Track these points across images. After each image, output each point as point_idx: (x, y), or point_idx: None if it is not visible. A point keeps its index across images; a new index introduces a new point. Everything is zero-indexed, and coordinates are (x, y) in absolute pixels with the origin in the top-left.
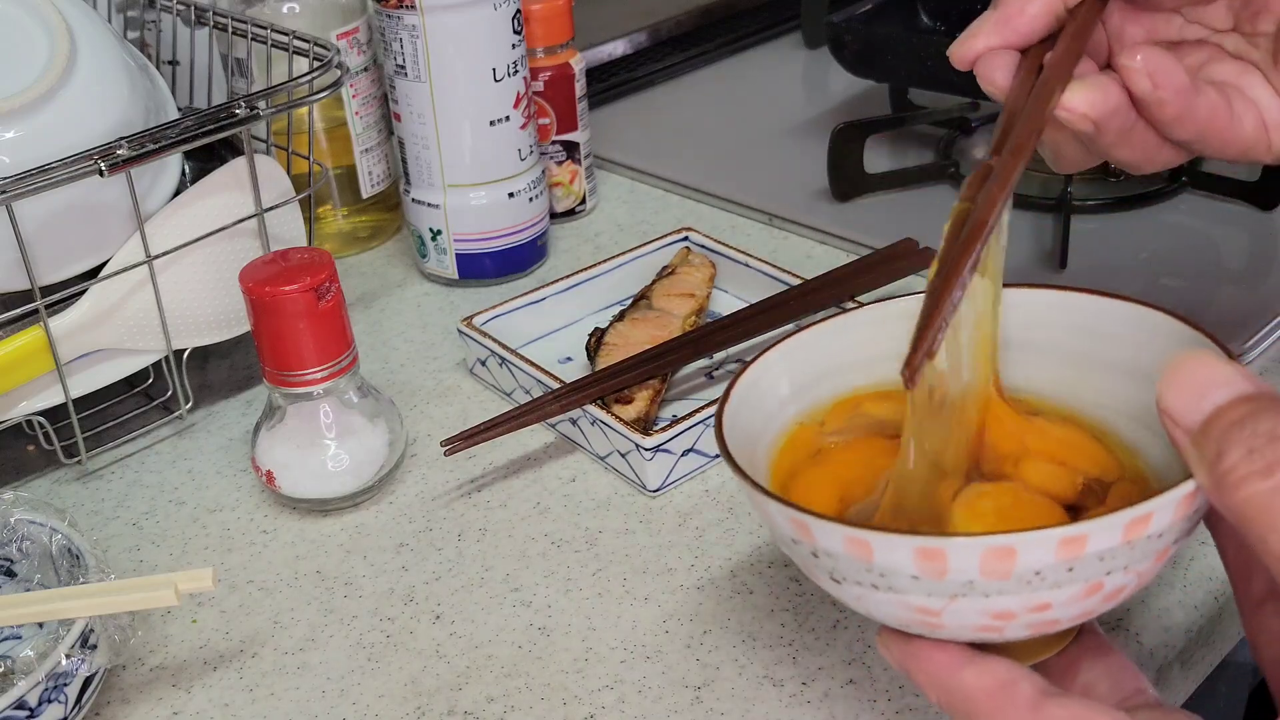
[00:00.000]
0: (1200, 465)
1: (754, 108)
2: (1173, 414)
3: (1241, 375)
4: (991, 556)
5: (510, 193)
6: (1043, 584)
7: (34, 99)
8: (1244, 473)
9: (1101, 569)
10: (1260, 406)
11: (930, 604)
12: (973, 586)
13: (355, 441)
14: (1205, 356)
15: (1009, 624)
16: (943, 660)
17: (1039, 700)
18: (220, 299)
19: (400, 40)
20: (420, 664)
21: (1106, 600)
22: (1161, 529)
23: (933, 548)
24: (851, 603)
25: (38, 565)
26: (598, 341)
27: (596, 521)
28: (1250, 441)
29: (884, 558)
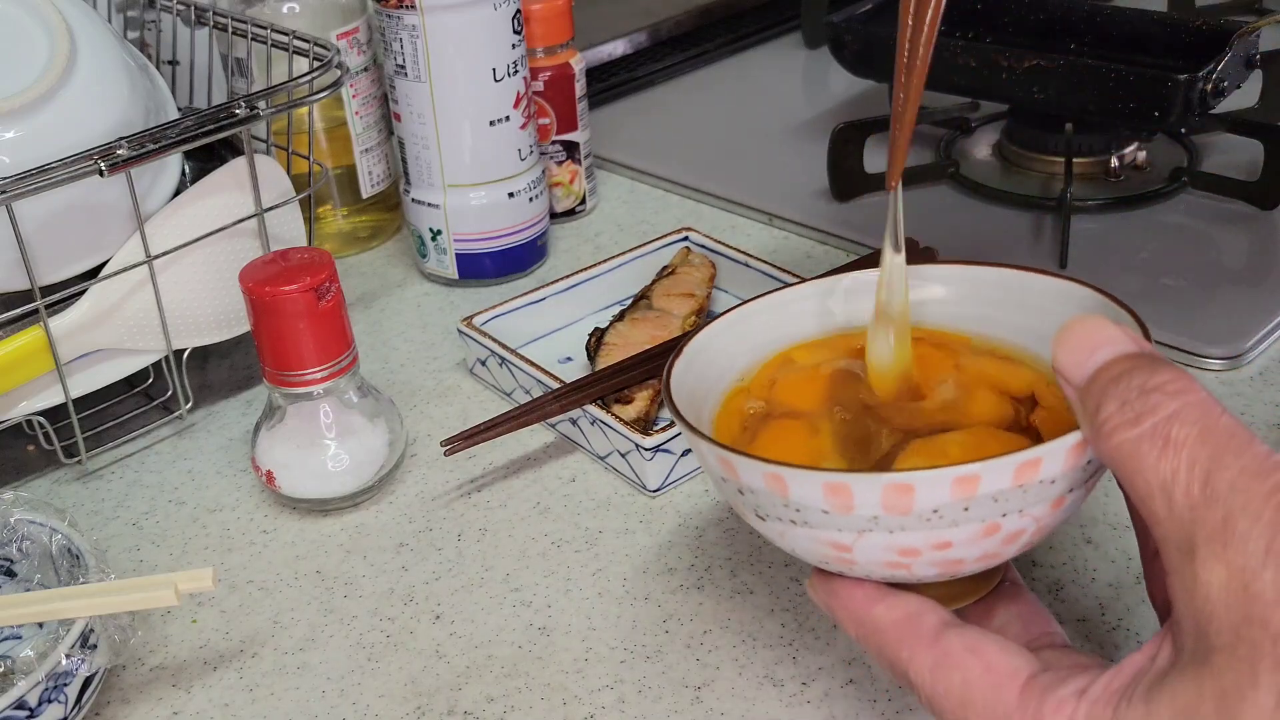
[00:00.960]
0: (1083, 417)
1: (754, 108)
2: (1063, 370)
3: (1126, 336)
4: (892, 492)
5: (510, 193)
6: (941, 522)
7: (34, 99)
8: (1116, 422)
9: (996, 510)
10: (1137, 364)
11: (841, 539)
12: (877, 522)
13: (355, 441)
14: (1095, 319)
15: (915, 560)
16: (859, 596)
17: (941, 630)
18: (220, 299)
19: (400, 40)
20: (420, 664)
21: (1007, 543)
22: (1053, 475)
23: (839, 483)
24: (776, 539)
25: (38, 565)
26: (598, 341)
27: (596, 521)
28: (1124, 395)
29: (797, 492)
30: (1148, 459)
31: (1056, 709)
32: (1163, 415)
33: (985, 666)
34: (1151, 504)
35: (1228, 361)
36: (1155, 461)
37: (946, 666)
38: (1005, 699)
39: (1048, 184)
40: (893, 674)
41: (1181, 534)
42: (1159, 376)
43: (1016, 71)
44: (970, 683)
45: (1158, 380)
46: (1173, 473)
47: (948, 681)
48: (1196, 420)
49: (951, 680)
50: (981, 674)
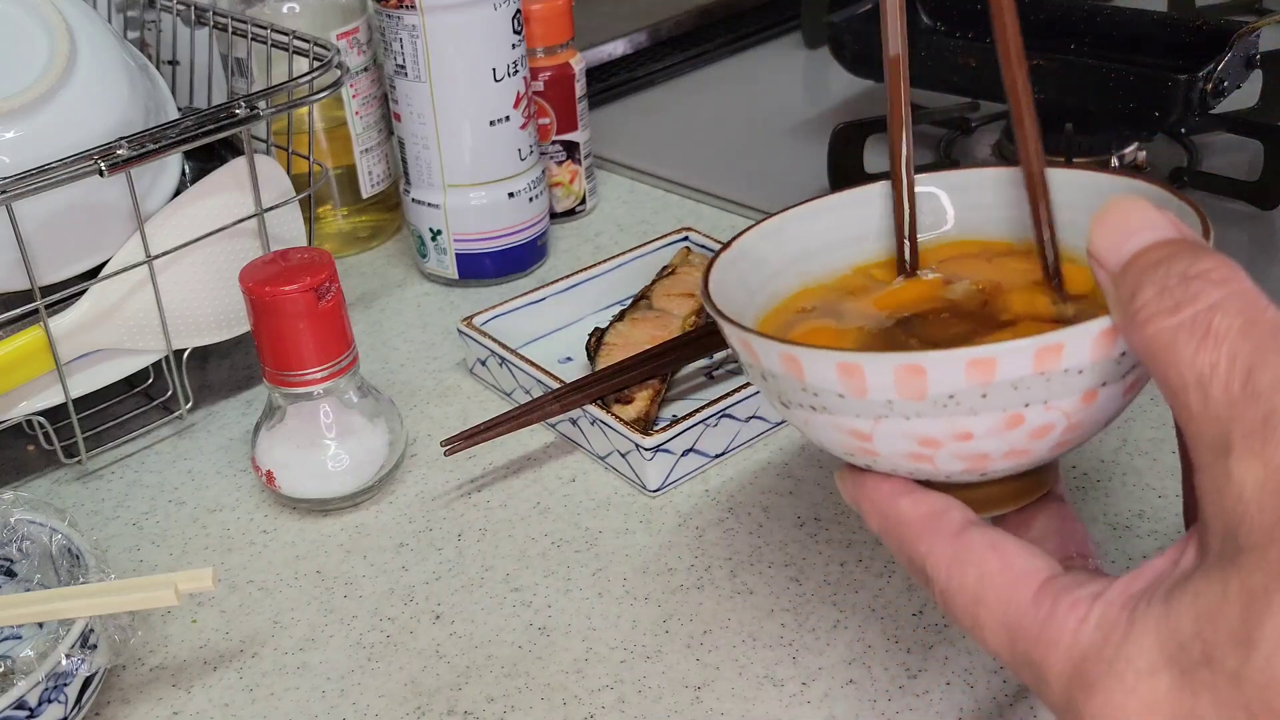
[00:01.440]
0: (1116, 304)
1: (754, 108)
2: (1098, 254)
3: (1168, 221)
4: (904, 373)
5: (510, 193)
6: (959, 409)
7: (34, 99)
8: (1153, 310)
9: (1018, 399)
10: (1179, 250)
11: (860, 426)
12: (892, 407)
13: (355, 441)
14: (1136, 201)
15: (938, 452)
16: (885, 489)
17: (964, 528)
18: (220, 299)
19: (400, 40)
20: (420, 664)
21: (1034, 437)
22: (1079, 364)
23: (850, 363)
24: (802, 428)
25: (38, 565)
26: (598, 341)
27: (596, 521)
28: (1164, 281)
29: (812, 375)
30: (1185, 350)
31: (1070, 609)
32: (1204, 304)
33: (1003, 564)
34: (1185, 398)
35: None
36: (1193, 353)
37: (964, 561)
38: (1019, 597)
39: None
40: (910, 569)
41: (1216, 431)
42: (1202, 263)
43: None
44: (986, 578)
45: (1200, 267)
46: (1212, 366)
47: (963, 576)
48: (1241, 311)
49: (967, 575)
50: (999, 570)
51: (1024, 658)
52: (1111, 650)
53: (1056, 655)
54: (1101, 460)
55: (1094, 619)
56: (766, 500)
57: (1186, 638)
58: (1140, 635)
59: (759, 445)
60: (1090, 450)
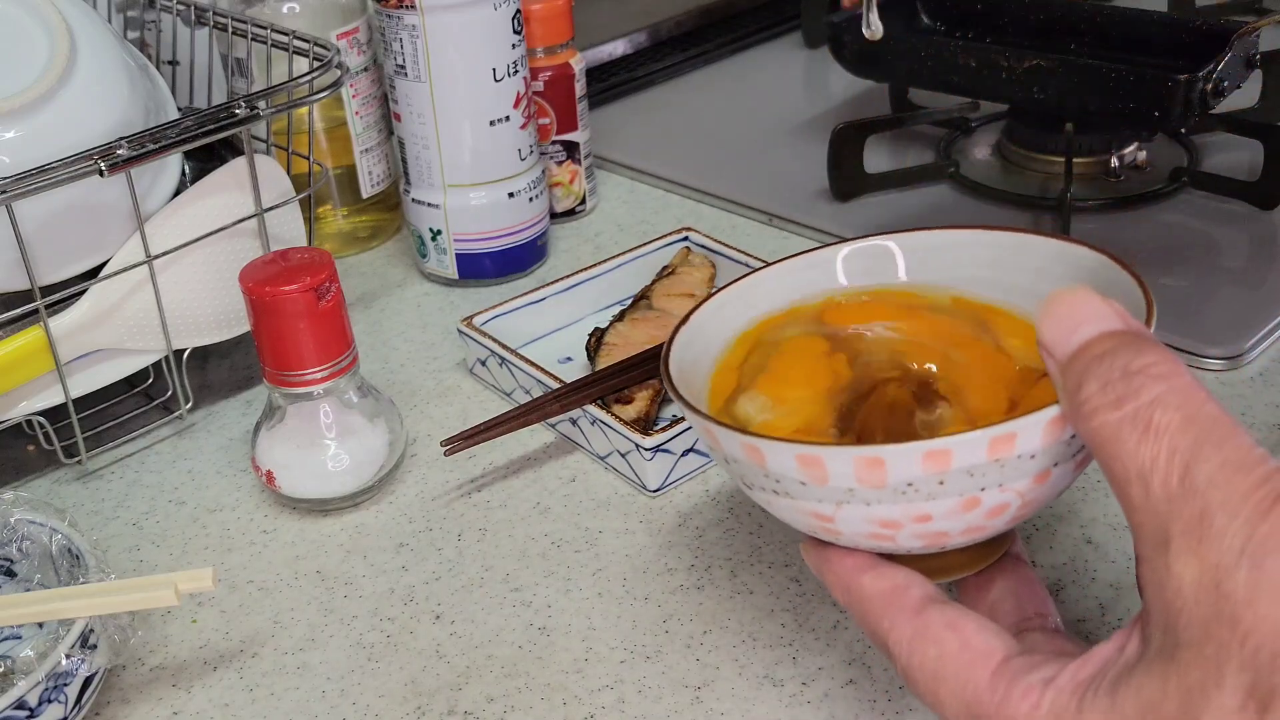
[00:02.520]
0: (1064, 395)
1: (754, 108)
2: (1046, 344)
3: (1113, 312)
4: (863, 465)
5: (510, 193)
6: (918, 495)
7: (34, 99)
8: (1097, 403)
9: (974, 484)
10: (1122, 343)
11: (823, 509)
12: (854, 494)
13: (355, 441)
14: (1081, 291)
15: (898, 532)
16: (849, 564)
17: (924, 604)
18: (220, 299)
19: (400, 40)
20: (420, 664)
21: (991, 516)
22: (1031, 450)
23: (811, 455)
24: (765, 506)
25: (38, 565)
26: (598, 341)
27: (596, 521)
28: (1107, 375)
29: (774, 464)
30: (1127, 444)
31: (1024, 694)
32: (1145, 399)
33: (961, 644)
34: (1128, 490)
35: (1227, 362)
36: (1135, 447)
37: (924, 640)
38: (976, 678)
39: (1048, 184)
40: (874, 640)
41: (1156, 524)
42: (1144, 358)
43: (1016, 71)
44: (945, 658)
45: (1142, 362)
46: (1152, 460)
47: (923, 655)
48: (1180, 406)
49: (927, 654)
50: (957, 651)
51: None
52: None
53: None
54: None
55: (1046, 705)
56: None
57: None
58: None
59: None
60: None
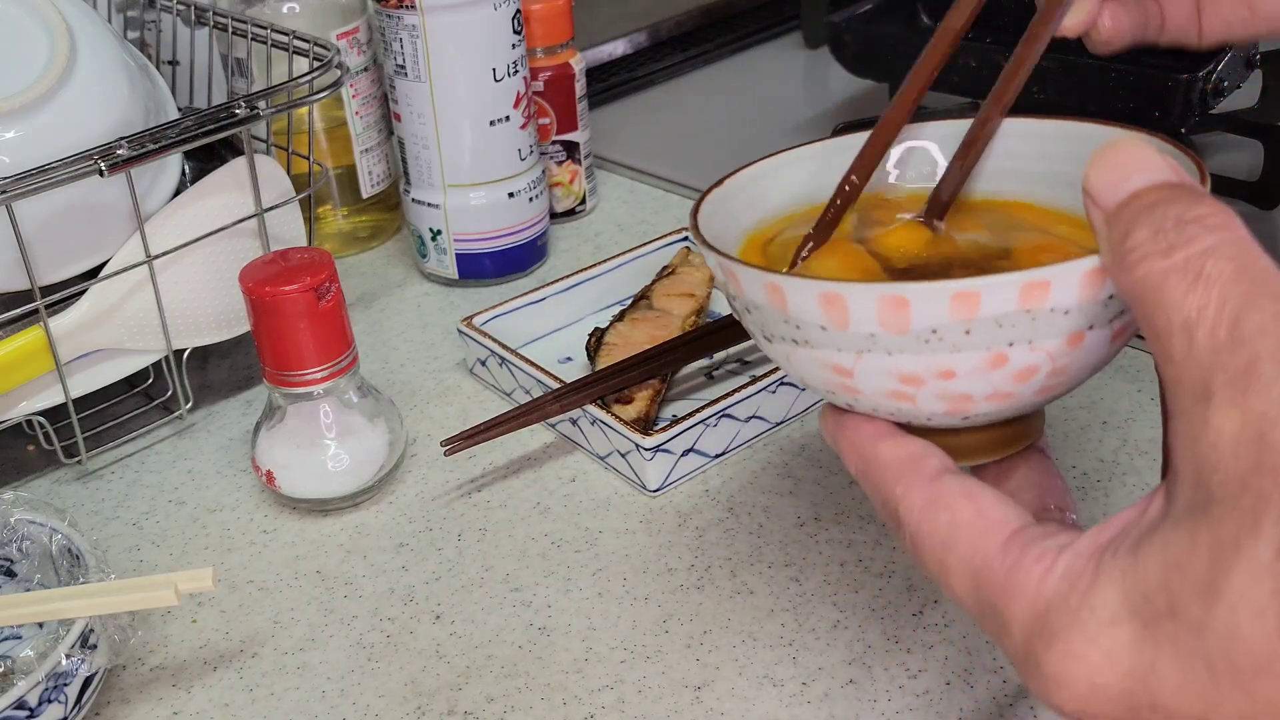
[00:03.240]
0: (1107, 245)
1: (754, 108)
2: (1093, 193)
3: (1168, 165)
4: (887, 304)
5: (510, 193)
6: (941, 345)
7: (34, 99)
8: (1146, 251)
9: (1002, 337)
10: (1176, 194)
11: (842, 360)
12: (875, 340)
13: (355, 441)
14: (1136, 142)
15: (920, 391)
16: (866, 431)
17: (940, 473)
18: (220, 299)
19: (400, 40)
20: (420, 664)
21: (1018, 380)
22: (1065, 304)
23: (833, 293)
24: (783, 363)
25: (38, 565)
26: (598, 341)
27: (596, 521)
28: (1159, 223)
29: (795, 305)
30: (1174, 293)
31: (1038, 559)
32: (1198, 249)
33: (976, 511)
34: (1169, 342)
35: None
36: (1182, 296)
37: (937, 506)
38: (988, 545)
39: None
40: (883, 511)
41: (1198, 376)
42: (1198, 209)
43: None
44: (957, 525)
45: (1197, 212)
46: (1199, 309)
47: (934, 521)
48: (1233, 258)
49: (939, 520)
50: (971, 518)
51: (988, 606)
52: (1076, 600)
53: (1020, 604)
54: (1101, 460)
55: (1060, 569)
56: (766, 500)
57: (1152, 588)
58: (1105, 586)
59: (759, 445)
60: (1090, 450)
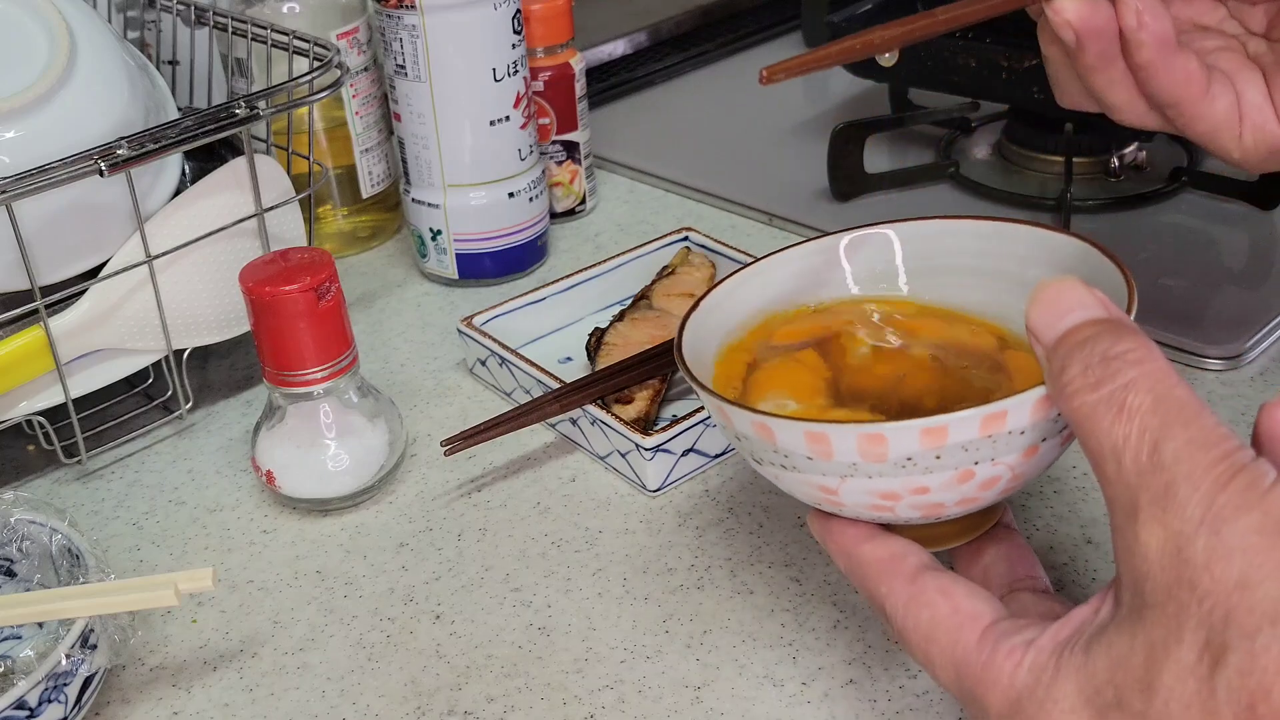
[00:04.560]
0: (1049, 377)
1: (754, 108)
2: (1034, 330)
3: (1097, 301)
4: (866, 441)
5: (510, 193)
6: (916, 469)
7: (34, 99)
8: (1078, 385)
9: (968, 458)
10: (1103, 330)
11: (827, 483)
12: (857, 468)
13: (355, 441)
14: (1069, 282)
15: (897, 504)
16: (851, 534)
17: (919, 571)
18: (220, 299)
19: (400, 40)
20: (420, 664)
21: (984, 488)
22: (1021, 426)
23: (818, 432)
24: (774, 480)
25: (38, 565)
26: (598, 341)
27: (596, 521)
28: (1087, 359)
29: (783, 440)
30: (1103, 422)
31: (1008, 655)
32: (1120, 382)
33: (953, 608)
34: (1104, 465)
35: (1227, 362)
36: (1110, 426)
37: (918, 604)
38: (965, 639)
39: (1048, 184)
40: (871, 605)
41: (1127, 496)
42: (1121, 344)
43: (1016, 71)
44: (937, 621)
45: (1120, 348)
46: (1124, 438)
47: (917, 617)
48: (1151, 389)
49: (920, 617)
50: (948, 614)
51: (969, 694)
52: (1041, 692)
53: (996, 694)
54: None
55: (1027, 664)
56: (766, 500)
57: (1101, 683)
58: (1064, 680)
59: None
60: None
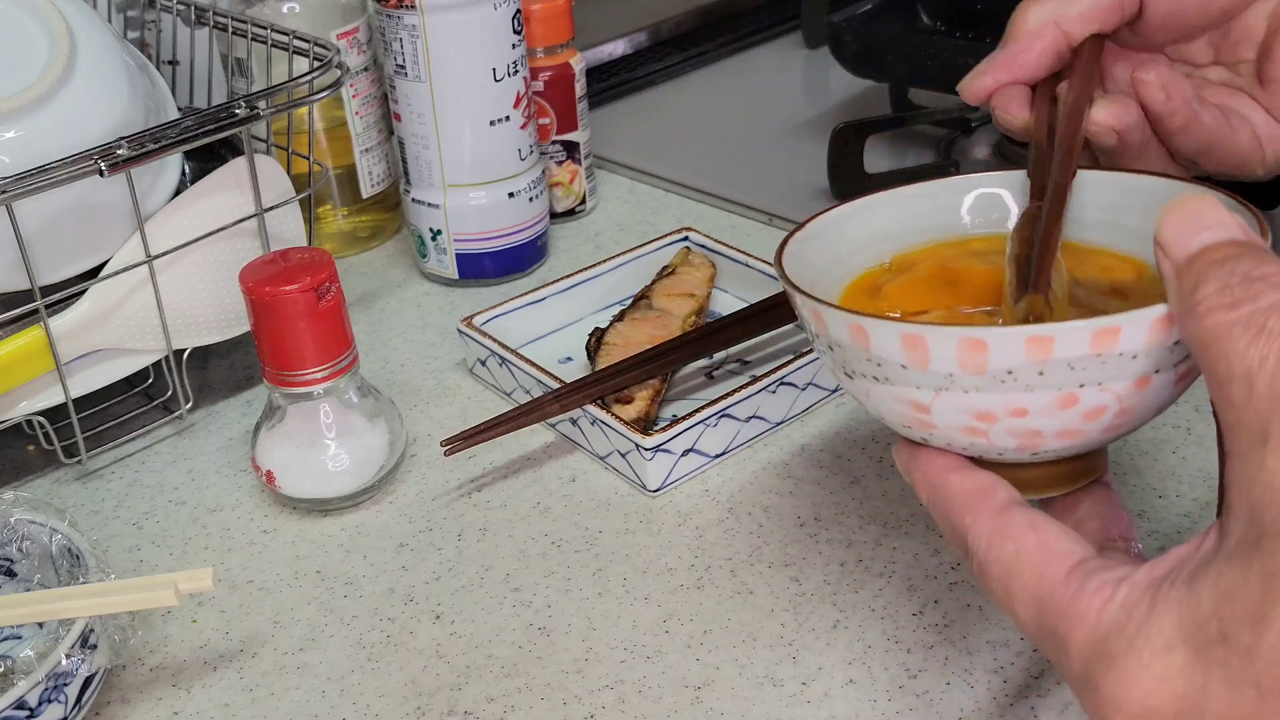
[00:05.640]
0: (1176, 295)
1: (754, 108)
2: (1165, 245)
3: (1236, 223)
4: (966, 346)
5: (510, 193)
6: (1016, 385)
7: (34, 99)
8: (1213, 304)
9: (1073, 379)
10: (1244, 251)
11: (920, 397)
12: (952, 380)
13: (355, 441)
14: (1207, 199)
15: (993, 427)
16: (939, 464)
17: (1008, 505)
18: (220, 299)
19: (400, 40)
20: (420, 664)
21: (1086, 419)
22: (1134, 348)
23: (914, 334)
24: (863, 398)
25: (38, 565)
26: (598, 341)
27: (596, 521)
28: (1226, 278)
29: (877, 344)
30: (1238, 343)
31: (1098, 590)
32: (1263, 304)
33: (1040, 543)
34: (1230, 389)
35: None
36: (1245, 347)
37: (1004, 535)
38: (1051, 575)
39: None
40: (952, 539)
41: (1256, 422)
42: (1265, 267)
43: None
44: (1022, 555)
45: (1264, 270)
46: (1260, 360)
47: (1001, 550)
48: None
49: (1005, 549)
50: (1035, 549)
51: (1049, 630)
52: (1133, 628)
53: (1081, 630)
54: None
55: (1119, 599)
56: (766, 500)
57: (1205, 616)
58: (1161, 615)
59: (759, 445)
60: None
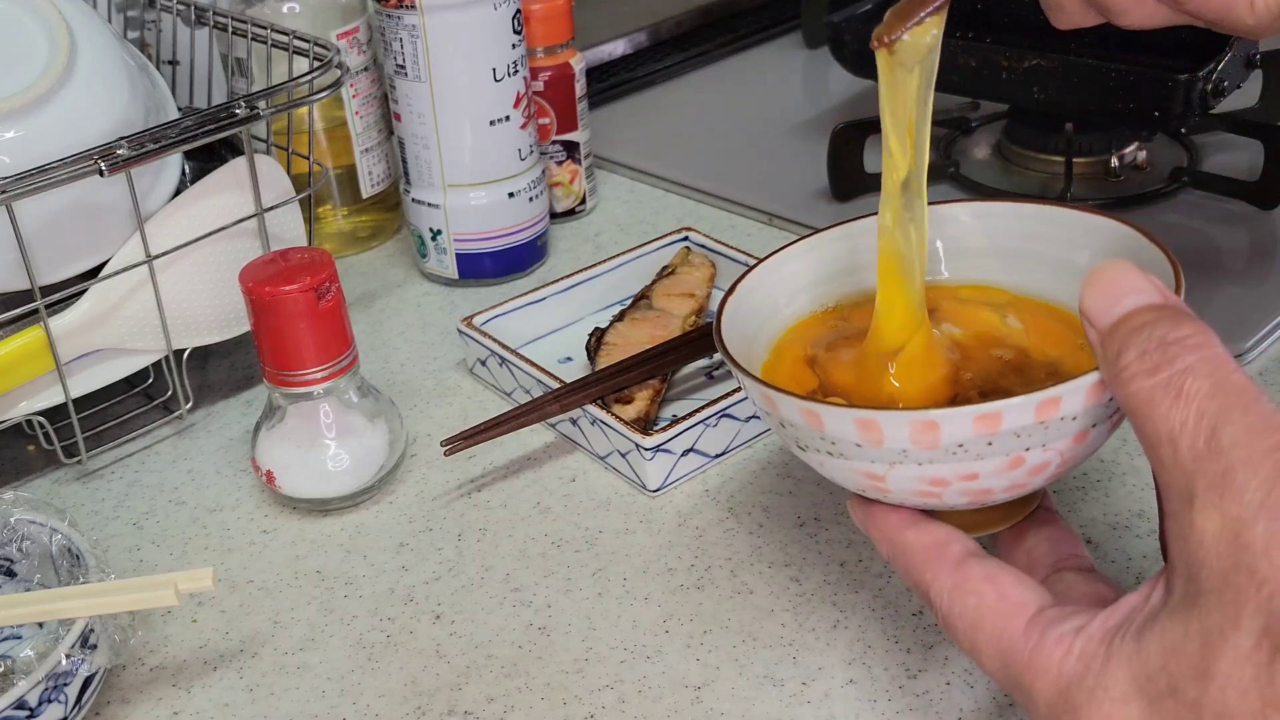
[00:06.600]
0: (1104, 361)
1: (754, 108)
2: (1088, 314)
3: (1153, 286)
4: (919, 428)
5: (510, 193)
6: (967, 455)
7: (34, 99)
8: (1134, 370)
9: (1020, 444)
10: (1161, 316)
11: (875, 469)
12: (907, 455)
13: (355, 441)
14: (1125, 266)
15: (945, 490)
16: (894, 520)
17: (964, 558)
18: (220, 299)
19: (400, 40)
20: (420, 664)
21: (1032, 474)
22: (1074, 413)
23: (868, 419)
24: (817, 468)
25: (38, 565)
26: (598, 341)
27: (596, 521)
28: (1145, 345)
29: (832, 427)
30: (1160, 408)
31: (1056, 642)
32: (1178, 368)
33: (999, 595)
34: (1159, 451)
35: None
36: (1167, 411)
37: (964, 591)
38: (1012, 627)
39: (1048, 184)
40: (916, 592)
41: (1183, 482)
42: (1179, 330)
43: (1016, 71)
44: (983, 608)
45: (1178, 334)
46: (1181, 424)
47: (963, 604)
48: (1209, 375)
49: (967, 604)
50: (995, 602)
51: (1016, 681)
52: (1091, 680)
53: (1044, 682)
54: (1101, 460)
55: (1076, 651)
56: (766, 500)
57: (1154, 670)
58: (1115, 667)
59: (759, 445)
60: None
